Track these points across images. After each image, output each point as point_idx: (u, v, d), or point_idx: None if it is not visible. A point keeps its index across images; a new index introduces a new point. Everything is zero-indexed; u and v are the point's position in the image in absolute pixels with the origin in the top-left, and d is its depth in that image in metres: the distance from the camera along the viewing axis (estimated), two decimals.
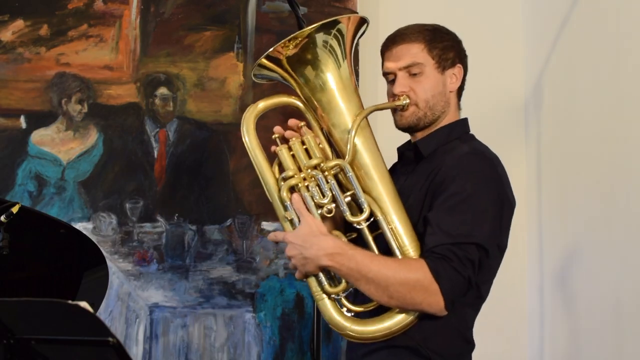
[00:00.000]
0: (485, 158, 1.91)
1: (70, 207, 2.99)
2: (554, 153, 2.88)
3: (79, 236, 2.28)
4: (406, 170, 2.01)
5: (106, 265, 2.30)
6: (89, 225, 2.97)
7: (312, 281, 1.85)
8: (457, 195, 1.82)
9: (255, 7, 3.08)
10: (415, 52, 1.94)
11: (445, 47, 1.97)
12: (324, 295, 1.84)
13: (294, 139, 1.91)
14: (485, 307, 2.00)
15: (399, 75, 1.95)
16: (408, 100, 1.94)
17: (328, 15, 2.91)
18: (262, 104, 1.96)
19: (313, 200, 1.86)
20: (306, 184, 1.87)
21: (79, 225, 2.90)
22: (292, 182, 1.87)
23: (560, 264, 2.77)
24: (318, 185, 1.87)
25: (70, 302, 1.50)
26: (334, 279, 1.86)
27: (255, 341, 2.94)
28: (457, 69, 2.00)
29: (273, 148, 1.93)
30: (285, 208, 1.86)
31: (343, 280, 1.84)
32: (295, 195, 1.85)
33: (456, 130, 1.99)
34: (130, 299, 2.95)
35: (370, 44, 2.15)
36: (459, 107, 2.05)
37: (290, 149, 1.91)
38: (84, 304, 1.50)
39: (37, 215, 2.29)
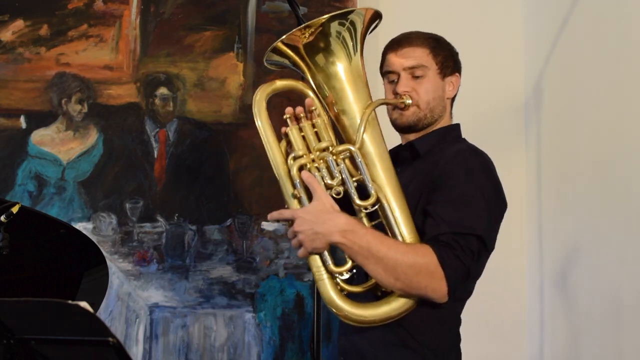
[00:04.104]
0: (482, 155, 1.97)
1: (70, 207, 2.99)
2: (554, 153, 2.88)
3: (79, 236, 2.27)
4: (401, 169, 2.04)
5: (106, 265, 2.30)
6: (89, 225, 2.97)
7: (316, 259, 1.85)
8: (458, 189, 1.86)
9: (255, 7, 3.08)
10: (420, 55, 2.02)
11: (447, 55, 2.05)
12: (325, 276, 1.84)
13: (304, 121, 1.93)
14: (485, 307, 2.01)
15: (402, 75, 2.01)
16: (411, 101, 2.00)
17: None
18: (278, 83, 1.97)
19: (323, 181, 1.87)
20: (315, 165, 1.89)
21: (79, 225, 2.90)
22: (302, 161, 1.88)
23: (560, 264, 2.77)
24: (328, 167, 1.88)
25: (70, 302, 1.50)
26: (331, 257, 1.87)
27: (255, 341, 2.94)
28: (455, 78, 2.07)
29: (283, 129, 1.94)
30: (295, 186, 1.87)
31: (349, 261, 1.84)
32: (306, 172, 1.86)
33: (451, 134, 2.06)
34: (130, 299, 2.95)
35: (370, 46, 2.15)
36: (451, 115, 2.11)
37: (300, 130, 1.92)
38: (84, 304, 1.50)
39: (37, 215, 2.29)
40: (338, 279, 1.85)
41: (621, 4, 2.40)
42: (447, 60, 2.04)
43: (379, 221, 1.89)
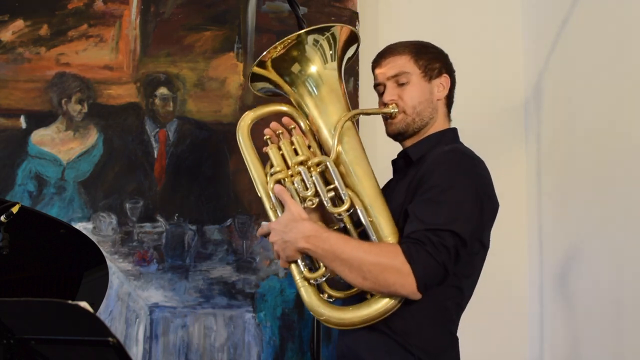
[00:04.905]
0: (464, 155, 1.98)
1: (70, 207, 2.98)
2: (554, 153, 2.88)
3: (79, 236, 2.28)
4: (398, 177, 2.08)
5: (106, 265, 2.31)
6: (89, 225, 2.97)
7: (294, 268, 1.92)
8: (435, 188, 1.88)
9: (255, 7, 3.08)
10: (401, 63, 2.06)
11: (431, 58, 2.08)
12: (306, 282, 1.90)
13: (283, 139, 2.01)
14: (485, 307, 2.00)
15: (387, 85, 2.06)
16: (396, 109, 2.04)
17: (328, 15, 2.92)
18: (251, 114, 2.08)
19: (298, 194, 1.94)
20: (293, 179, 1.97)
21: (79, 225, 2.90)
22: (279, 176, 1.97)
23: (560, 264, 2.77)
24: (302, 180, 1.96)
25: (70, 302, 1.50)
26: (312, 265, 1.93)
27: (255, 341, 2.94)
28: (444, 79, 2.09)
29: (265, 149, 2.03)
30: (272, 200, 1.96)
31: (322, 266, 1.89)
32: (277, 186, 1.95)
33: (445, 138, 2.07)
34: (130, 299, 2.95)
35: (370, 46, 2.17)
36: (448, 117, 2.12)
37: (280, 148, 2.02)
38: (84, 304, 1.50)
39: (37, 215, 2.29)
40: (321, 282, 1.91)
41: (621, 4, 2.40)
42: (432, 62, 2.06)
43: (363, 228, 1.93)
